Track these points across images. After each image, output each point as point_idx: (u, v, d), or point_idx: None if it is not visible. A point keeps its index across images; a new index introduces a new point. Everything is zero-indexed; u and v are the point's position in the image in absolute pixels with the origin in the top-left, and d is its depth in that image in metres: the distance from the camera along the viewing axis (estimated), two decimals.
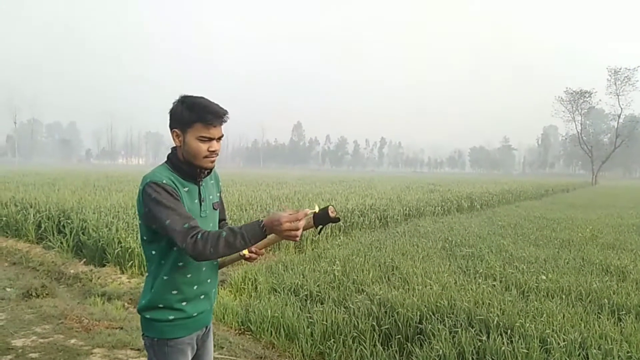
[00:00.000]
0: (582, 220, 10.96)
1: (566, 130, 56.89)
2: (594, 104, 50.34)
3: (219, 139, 1.67)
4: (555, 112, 51.87)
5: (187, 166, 1.67)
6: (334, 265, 5.53)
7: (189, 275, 1.68)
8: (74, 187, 13.03)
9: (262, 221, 1.46)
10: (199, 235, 1.46)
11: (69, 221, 6.48)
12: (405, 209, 10.91)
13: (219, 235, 1.46)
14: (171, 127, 1.66)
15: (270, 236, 1.49)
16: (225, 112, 1.64)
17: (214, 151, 1.64)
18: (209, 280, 1.77)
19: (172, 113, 1.65)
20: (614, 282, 5.17)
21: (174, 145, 1.69)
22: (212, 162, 1.67)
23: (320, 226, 1.56)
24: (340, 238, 7.82)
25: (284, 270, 5.44)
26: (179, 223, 1.49)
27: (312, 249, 6.98)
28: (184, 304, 1.67)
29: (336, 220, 1.54)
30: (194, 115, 1.59)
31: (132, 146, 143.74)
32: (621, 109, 48.03)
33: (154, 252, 1.65)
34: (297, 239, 1.46)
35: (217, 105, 1.64)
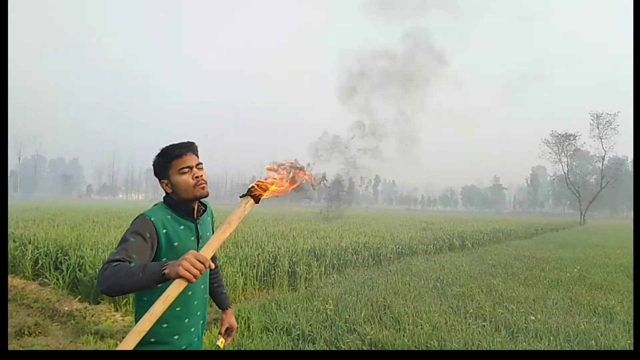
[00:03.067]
0: (571, 260, 11.11)
1: (554, 171, 58.13)
2: (579, 146, 51.60)
3: (198, 165, 1.79)
4: (542, 154, 53.09)
5: (184, 204, 1.79)
6: (327, 304, 5.60)
7: (177, 309, 1.74)
8: (73, 222, 12.99)
9: (167, 262, 1.39)
10: (113, 264, 1.44)
11: (66, 257, 6.52)
12: (398, 247, 11.02)
13: (126, 265, 1.43)
14: (160, 181, 1.81)
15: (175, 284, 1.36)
16: (191, 142, 1.81)
17: (199, 177, 1.76)
18: (198, 313, 1.85)
19: (154, 170, 1.82)
20: (601, 323, 5.27)
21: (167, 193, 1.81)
22: (204, 188, 1.78)
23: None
24: (333, 276, 7.89)
25: (277, 309, 5.49)
26: (115, 255, 1.50)
27: (306, 287, 7.04)
28: (175, 337, 1.74)
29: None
30: (166, 157, 1.77)
31: (133, 182, 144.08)
32: (605, 151, 49.30)
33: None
34: (193, 280, 1.35)
35: (182, 141, 1.81)
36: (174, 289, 1.37)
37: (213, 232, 1.93)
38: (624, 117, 47.62)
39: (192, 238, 1.80)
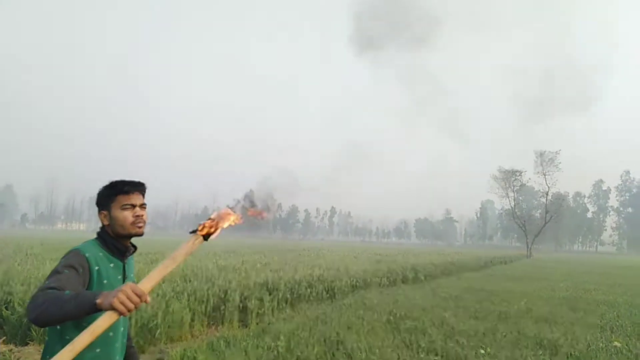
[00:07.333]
0: (518, 293, 11.48)
1: (501, 205, 61.24)
2: (524, 181, 54.82)
3: (142, 206, 1.81)
4: (490, 188, 55.84)
5: (117, 242, 1.78)
6: (279, 340, 5.40)
7: (97, 350, 1.67)
8: (2, 255, 11.96)
9: (102, 292, 1.31)
10: (48, 291, 1.37)
11: None
12: (352, 280, 10.95)
13: (60, 292, 1.35)
14: (99, 211, 1.80)
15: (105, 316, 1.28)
16: (141, 183, 1.84)
17: (139, 216, 1.76)
18: (117, 358, 1.79)
19: (97, 199, 1.82)
20: (547, 356, 5.41)
21: (103, 224, 1.80)
22: (141, 227, 1.77)
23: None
24: (286, 311, 7.67)
25: (225, 347, 5.23)
26: (49, 284, 1.43)
27: (257, 323, 6.79)
28: None
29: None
30: (113, 190, 1.77)
31: (74, 211, 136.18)
32: (548, 187, 52.58)
33: (58, 327, 1.63)
34: (126, 313, 1.26)
35: (133, 179, 1.83)
36: (104, 321, 1.28)
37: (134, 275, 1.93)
38: (565, 155, 51.35)
39: (119, 277, 1.78)
